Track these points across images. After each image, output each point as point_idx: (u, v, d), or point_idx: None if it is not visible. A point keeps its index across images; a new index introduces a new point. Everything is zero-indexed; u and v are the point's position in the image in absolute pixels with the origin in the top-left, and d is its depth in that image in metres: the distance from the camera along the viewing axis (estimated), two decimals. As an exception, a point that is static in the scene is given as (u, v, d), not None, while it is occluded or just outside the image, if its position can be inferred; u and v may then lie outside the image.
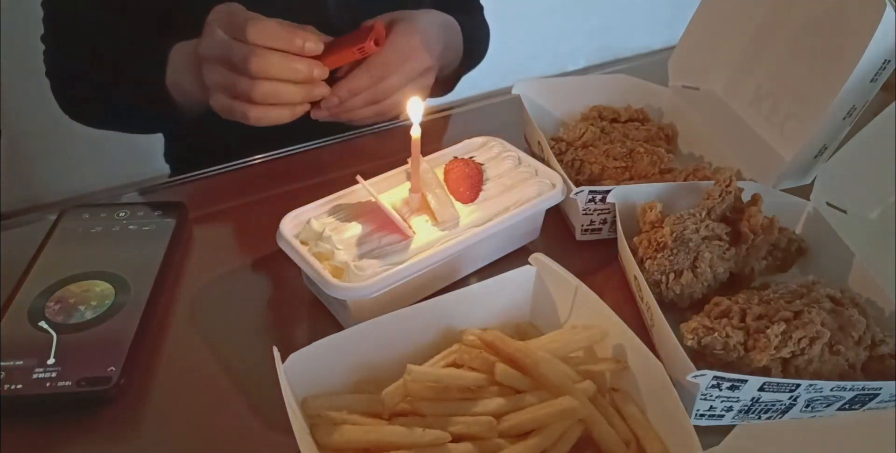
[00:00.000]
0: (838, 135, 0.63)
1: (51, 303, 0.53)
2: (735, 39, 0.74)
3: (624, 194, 0.60)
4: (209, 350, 0.54)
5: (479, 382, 0.46)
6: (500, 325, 0.52)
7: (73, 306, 0.53)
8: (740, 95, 0.74)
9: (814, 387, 0.46)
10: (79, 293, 0.54)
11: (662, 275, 0.55)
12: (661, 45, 0.96)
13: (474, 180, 0.59)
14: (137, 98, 0.72)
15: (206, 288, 0.60)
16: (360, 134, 0.80)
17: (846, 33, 0.60)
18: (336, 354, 0.47)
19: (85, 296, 0.54)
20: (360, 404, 0.46)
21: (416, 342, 0.50)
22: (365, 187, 0.56)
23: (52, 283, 0.55)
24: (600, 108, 0.76)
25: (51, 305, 0.53)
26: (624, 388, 0.48)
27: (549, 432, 0.43)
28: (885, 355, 0.50)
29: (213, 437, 0.49)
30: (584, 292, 0.51)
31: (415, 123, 0.54)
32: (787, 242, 0.59)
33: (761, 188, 0.61)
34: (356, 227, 0.55)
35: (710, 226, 0.57)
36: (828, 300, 0.52)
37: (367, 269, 0.52)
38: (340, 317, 0.56)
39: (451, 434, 0.43)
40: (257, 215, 0.67)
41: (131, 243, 0.60)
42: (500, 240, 0.61)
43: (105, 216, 0.62)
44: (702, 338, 0.49)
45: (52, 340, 0.50)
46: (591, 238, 0.65)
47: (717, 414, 0.48)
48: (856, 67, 0.57)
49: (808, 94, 0.64)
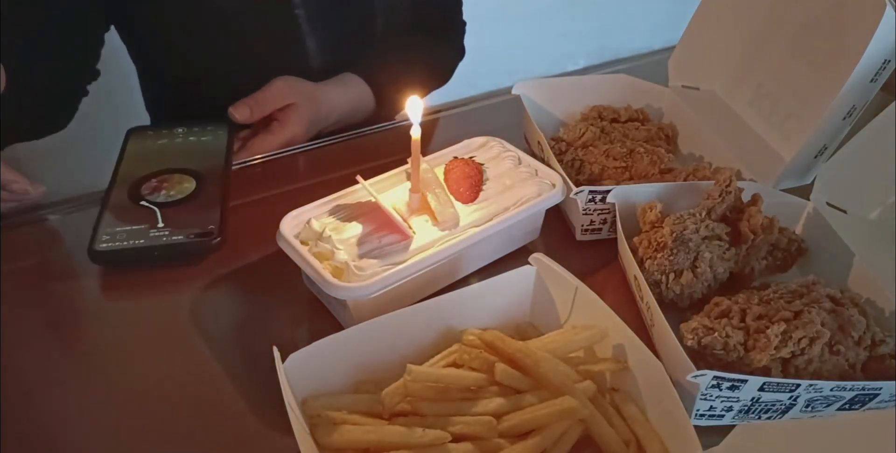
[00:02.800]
0: (838, 136, 0.63)
1: (145, 191, 0.66)
2: (735, 39, 0.74)
3: (624, 194, 0.60)
4: (209, 350, 0.54)
5: (479, 382, 0.46)
6: (500, 325, 0.52)
7: (163, 189, 0.66)
8: (740, 95, 0.74)
9: (814, 387, 0.46)
10: (165, 181, 0.67)
11: (662, 275, 0.55)
12: (661, 45, 0.96)
13: (474, 180, 0.59)
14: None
15: (206, 288, 0.60)
16: (360, 134, 0.80)
17: (846, 33, 0.60)
18: (336, 354, 0.47)
19: (170, 183, 0.67)
20: (360, 404, 0.46)
21: (416, 342, 0.50)
22: (365, 187, 0.56)
23: (139, 178, 0.67)
24: (600, 108, 0.76)
25: (145, 191, 0.66)
26: (624, 388, 0.48)
27: (549, 432, 0.43)
28: (885, 355, 0.50)
29: (213, 437, 0.49)
30: (584, 292, 0.51)
31: (415, 123, 0.54)
32: (787, 242, 0.59)
33: (761, 188, 0.61)
34: (356, 227, 0.55)
35: (710, 226, 0.57)
36: (828, 300, 0.52)
37: (367, 269, 0.52)
38: (340, 317, 0.56)
39: (451, 434, 0.43)
40: (257, 215, 0.67)
41: (196, 147, 0.72)
42: (500, 240, 0.61)
43: (166, 132, 0.74)
44: (702, 338, 0.49)
45: (156, 212, 0.63)
46: (591, 238, 0.65)
47: (717, 414, 0.48)
48: (856, 67, 0.57)
49: (808, 94, 0.64)
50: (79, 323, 0.57)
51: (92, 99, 0.82)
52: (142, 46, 0.86)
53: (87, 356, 0.55)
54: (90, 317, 0.58)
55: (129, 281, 0.61)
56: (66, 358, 0.54)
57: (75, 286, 0.61)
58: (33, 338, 0.55)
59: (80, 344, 0.56)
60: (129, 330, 0.56)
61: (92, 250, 0.59)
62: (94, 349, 0.55)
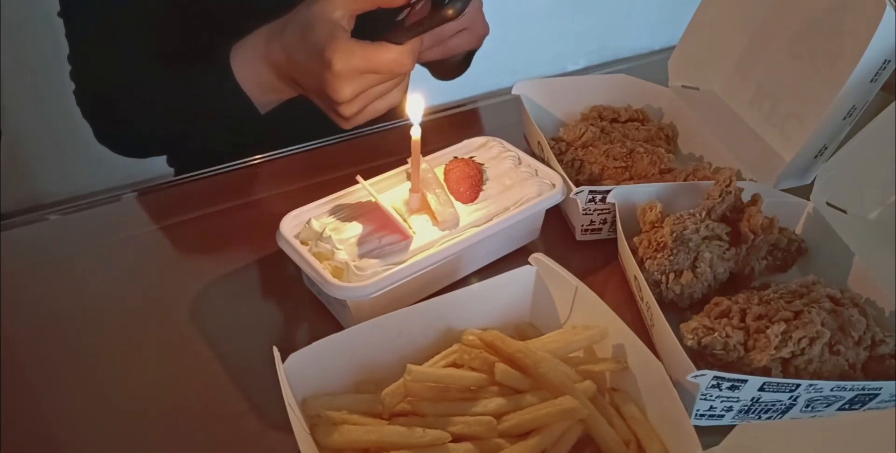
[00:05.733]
0: (838, 136, 0.63)
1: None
2: (735, 39, 0.74)
3: (624, 194, 0.60)
4: (209, 350, 0.54)
5: (479, 382, 0.46)
6: (500, 325, 0.52)
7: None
8: (740, 95, 0.74)
9: (814, 387, 0.46)
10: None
11: (662, 275, 0.55)
12: (661, 45, 0.96)
13: (474, 180, 0.59)
14: (210, 106, 0.69)
15: (206, 288, 0.60)
16: (360, 134, 0.80)
17: (846, 33, 0.60)
18: (336, 354, 0.47)
19: None
20: (360, 404, 0.46)
21: (416, 342, 0.50)
22: (365, 187, 0.56)
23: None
24: (600, 108, 0.76)
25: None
26: (624, 388, 0.48)
27: (549, 432, 0.43)
28: (885, 355, 0.50)
29: (213, 437, 0.49)
30: (584, 292, 0.51)
31: (415, 123, 0.54)
32: (787, 242, 0.59)
33: (761, 188, 0.61)
34: (356, 227, 0.55)
35: (710, 226, 0.57)
36: (828, 300, 0.52)
37: (367, 269, 0.52)
38: (340, 317, 0.56)
39: (451, 434, 0.43)
40: (257, 215, 0.67)
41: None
42: (501, 240, 0.61)
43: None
44: (702, 338, 0.49)
45: None
46: (591, 238, 0.65)
47: (717, 414, 0.48)
48: (856, 67, 0.57)
49: (808, 94, 0.64)
50: (79, 323, 0.57)
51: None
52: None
53: (87, 356, 0.55)
54: (90, 317, 0.58)
55: (129, 280, 0.61)
56: (66, 358, 0.54)
57: (75, 286, 0.61)
58: (33, 338, 0.55)
59: (80, 345, 0.55)
60: (130, 329, 0.56)
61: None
62: (94, 349, 0.55)
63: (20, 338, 0.55)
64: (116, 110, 0.73)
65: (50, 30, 0.92)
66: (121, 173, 1.63)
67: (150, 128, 0.73)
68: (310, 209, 0.57)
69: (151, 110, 0.71)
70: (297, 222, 0.56)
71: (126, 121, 0.73)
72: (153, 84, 0.71)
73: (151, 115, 0.72)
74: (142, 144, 0.79)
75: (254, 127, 0.69)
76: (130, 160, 0.80)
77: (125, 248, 0.65)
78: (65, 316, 0.58)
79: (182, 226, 0.67)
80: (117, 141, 0.77)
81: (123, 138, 0.77)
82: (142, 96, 0.71)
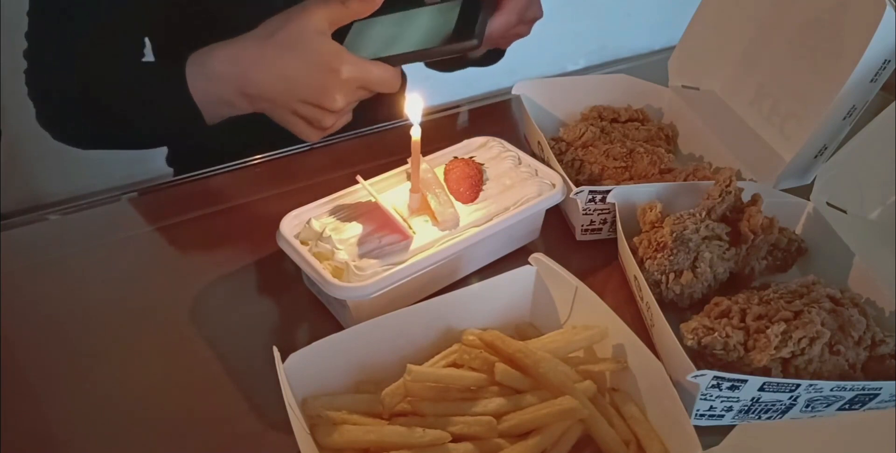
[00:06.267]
0: (838, 135, 0.63)
1: None
2: (735, 39, 0.74)
3: (624, 194, 0.60)
4: (209, 350, 0.54)
5: (479, 382, 0.46)
6: (500, 325, 0.52)
7: None
8: (740, 95, 0.74)
9: (814, 387, 0.46)
10: None
11: (662, 275, 0.55)
12: (661, 45, 0.96)
13: (474, 180, 0.59)
14: (157, 112, 0.69)
15: (206, 288, 0.60)
16: (360, 134, 0.80)
17: (846, 33, 0.60)
18: (336, 354, 0.47)
19: None
20: (360, 404, 0.46)
21: (416, 342, 0.50)
22: (365, 187, 0.56)
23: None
24: (600, 108, 0.76)
25: None
26: (624, 388, 0.48)
27: (549, 432, 0.43)
28: (885, 355, 0.50)
29: (213, 437, 0.49)
30: (584, 292, 0.51)
31: (415, 123, 0.54)
32: (787, 242, 0.59)
33: (761, 188, 0.61)
34: (356, 227, 0.55)
35: (710, 226, 0.57)
36: (828, 300, 0.52)
37: (367, 269, 0.52)
38: (340, 317, 0.56)
39: (451, 434, 0.43)
40: (257, 215, 0.67)
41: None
42: (500, 240, 0.61)
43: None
44: (702, 338, 0.49)
45: None
46: (591, 238, 0.65)
47: (717, 414, 0.48)
48: (856, 67, 0.57)
49: (808, 94, 0.64)
50: (78, 323, 0.57)
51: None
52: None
53: (87, 356, 0.55)
54: (90, 317, 0.58)
55: (129, 280, 0.61)
56: (66, 359, 0.54)
57: (75, 286, 0.61)
58: (33, 338, 0.55)
59: (79, 345, 0.55)
60: (129, 329, 0.56)
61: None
62: (93, 349, 0.55)
63: (20, 338, 0.55)
64: (111, 109, 0.72)
65: (50, 30, 0.91)
66: (121, 173, 1.64)
67: (147, 126, 0.73)
68: (310, 209, 0.57)
69: (150, 109, 0.71)
70: (297, 222, 0.56)
71: (125, 120, 0.73)
72: (153, 83, 0.71)
73: (151, 114, 0.71)
74: (86, 136, 0.78)
75: (254, 127, 0.69)
76: (131, 160, 0.80)
77: (125, 248, 0.65)
78: (64, 316, 0.58)
79: (182, 226, 0.66)
80: (64, 128, 0.77)
81: (123, 137, 0.76)
82: (142, 96, 0.71)
